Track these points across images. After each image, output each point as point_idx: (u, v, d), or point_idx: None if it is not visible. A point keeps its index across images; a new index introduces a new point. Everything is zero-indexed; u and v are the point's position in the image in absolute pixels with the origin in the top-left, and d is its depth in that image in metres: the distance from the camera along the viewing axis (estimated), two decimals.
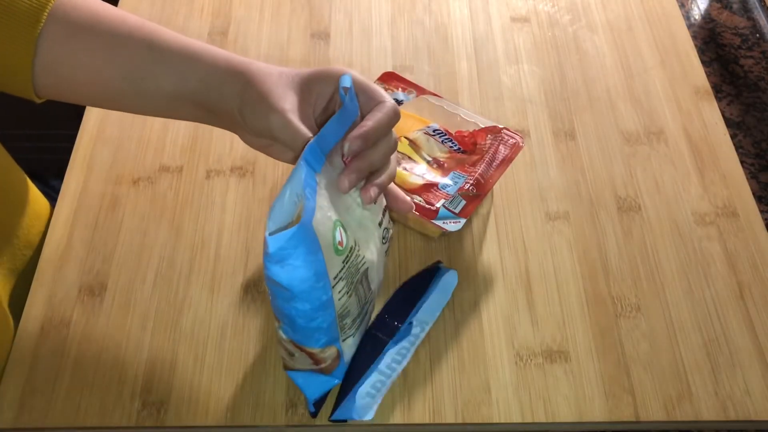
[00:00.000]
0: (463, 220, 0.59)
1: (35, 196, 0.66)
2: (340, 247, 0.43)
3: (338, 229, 0.43)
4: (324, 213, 0.42)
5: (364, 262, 0.47)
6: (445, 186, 0.61)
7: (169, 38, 0.51)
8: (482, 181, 0.61)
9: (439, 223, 0.59)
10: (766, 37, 0.83)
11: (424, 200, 0.60)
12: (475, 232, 0.65)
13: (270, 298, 0.45)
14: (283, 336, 0.48)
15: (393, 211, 0.53)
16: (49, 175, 1.58)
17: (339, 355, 0.50)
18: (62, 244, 0.63)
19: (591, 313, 0.60)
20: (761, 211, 0.67)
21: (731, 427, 0.56)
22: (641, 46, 0.79)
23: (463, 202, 0.60)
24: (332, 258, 0.43)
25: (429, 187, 0.60)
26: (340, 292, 0.45)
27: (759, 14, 0.85)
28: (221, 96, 0.50)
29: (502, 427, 0.55)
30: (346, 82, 0.45)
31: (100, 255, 0.62)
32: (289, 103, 0.48)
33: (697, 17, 0.85)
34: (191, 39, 0.52)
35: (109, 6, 0.52)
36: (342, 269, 0.44)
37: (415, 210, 0.59)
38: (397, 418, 0.54)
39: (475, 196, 0.60)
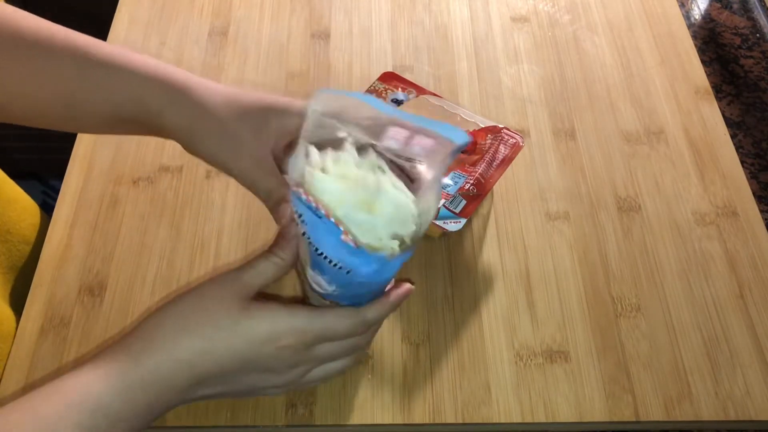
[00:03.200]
0: (463, 220, 0.59)
1: (16, 190, 0.66)
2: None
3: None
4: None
5: None
6: (445, 186, 0.61)
7: (97, 55, 0.47)
8: (482, 180, 0.61)
9: (439, 223, 0.59)
10: (766, 37, 0.83)
11: None
12: (475, 232, 0.65)
13: (324, 291, 0.43)
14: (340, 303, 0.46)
15: None
16: (49, 175, 1.58)
17: None
18: (62, 244, 0.63)
19: (591, 313, 0.60)
20: (761, 211, 0.67)
21: (731, 427, 0.56)
22: (641, 45, 0.80)
23: (464, 202, 0.60)
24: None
25: None
26: None
27: (759, 14, 0.85)
28: (163, 120, 0.47)
29: (502, 427, 0.55)
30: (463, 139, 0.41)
31: (100, 255, 0.62)
32: (248, 151, 0.46)
33: (697, 17, 0.85)
34: (121, 51, 0.48)
35: (30, 18, 0.48)
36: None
37: None
38: (397, 418, 0.54)
39: (476, 196, 0.60)
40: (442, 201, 0.59)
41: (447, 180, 0.61)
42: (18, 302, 0.60)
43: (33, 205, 0.68)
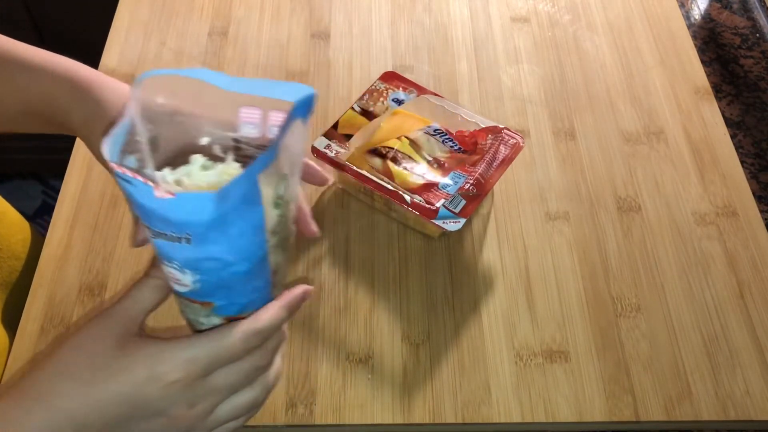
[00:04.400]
0: (463, 220, 0.59)
1: (5, 205, 0.66)
2: (279, 201, 0.39)
3: (283, 183, 0.40)
4: (276, 166, 0.38)
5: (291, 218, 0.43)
6: (445, 186, 0.61)
7: (14, 53, 0.48)
8: (482, 180, 0.61)
9: (439, 222, 0.59)
10: (766, 37, 0.83)
11: (424, 200, 0.60)
12: (475, 232, 0.65)
13: (186, 287, 0.39)
14: (216, 320, 0.41)
15: (311, 183, 0.50)
16: (49, 175, 1.58)
17: None
18: (62, 244, 0.63)
19: (591, 313, 0.60)
20: (761, 211, 0.67)
21: (731, 427, 0.56)
22: (641, 46, 0.80)
23: (463, 202, 0.60)
24: (271, 211, 0.39)
25: (429, 186, 0.60)
26: (274, 246, 0.40)
27: (759, 14, 0.85)
28: (69, 117, 0.48)
29: (502, 427, 0.55)
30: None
31: (100, 255, 0.62)
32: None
33: (697, 17, 0.85)
34: (39, 51, 0.49)
35: None
36: (277, 223, 0.40)
37: (415, 210, 0.59)
38: (397, 418, 0.54)
39: (475, 195, 0.60)
40: (442, 200, 0.59)
41: (447, 180, 0.61)
42: (11, 320, 0.60)
43: (22, 220, 0.68)
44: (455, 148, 0.63)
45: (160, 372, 0.37)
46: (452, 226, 0.59)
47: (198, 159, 0.39)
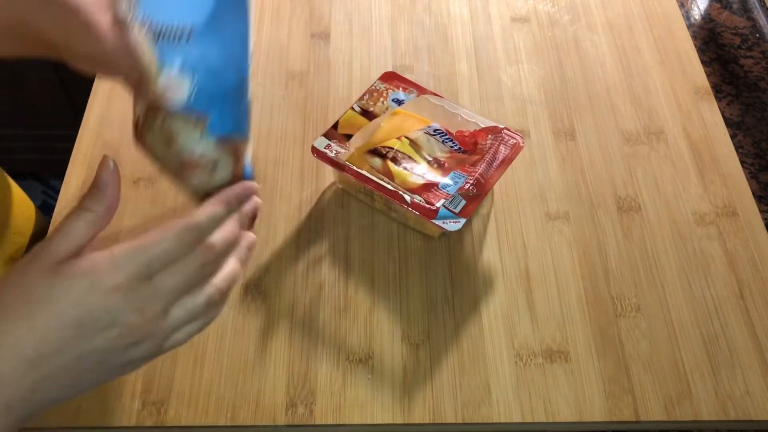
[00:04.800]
0: (463, 220, 0.59)
1: (9, 182, 0.66)
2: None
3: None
4: None
5: None
6: (445, 186, 0.61)
7: None
8: (482, 181, 0.61)
9: (439, 222, 0.59)
10: (766, 37, 0.83)
11: (425, 200, 0.60)
12: (475, 232, 0.65)
13: (183, 96, 0.39)
14: (209, 144, 0.41)
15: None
16: (49, 175, 1.58)
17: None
18: None
19: (591, 313, 0.60)
20: (761, 211, 0.67)
21: (731, 427, 0.56)
22: (641, 46, 0.80)
23: (463, 202, 0.60)
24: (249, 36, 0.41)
25: (429, 186, 0.60)
26: (248, 78, 0.41)
27: (759, 14, 0.85)
28: (41, 27, 0.43)
29: (502, 427, 0.55)
30: None
31: None
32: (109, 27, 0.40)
33: (697, 17, 0.85)
34: None
35: None
36: (250, 55, 0.41)
37: (415, 210, 0.59)
38: (397, 418, 0.54)
39: (475, 196, 0.60)
40: (442, 200, 0.59)
41: (447, 180, 0.61)
42: None
43: (26, 198, 0.68)
44: (455, 148, 0.63)
45: (96, 282, 0.36)
46: (452, 226, 0.59)
47: None
